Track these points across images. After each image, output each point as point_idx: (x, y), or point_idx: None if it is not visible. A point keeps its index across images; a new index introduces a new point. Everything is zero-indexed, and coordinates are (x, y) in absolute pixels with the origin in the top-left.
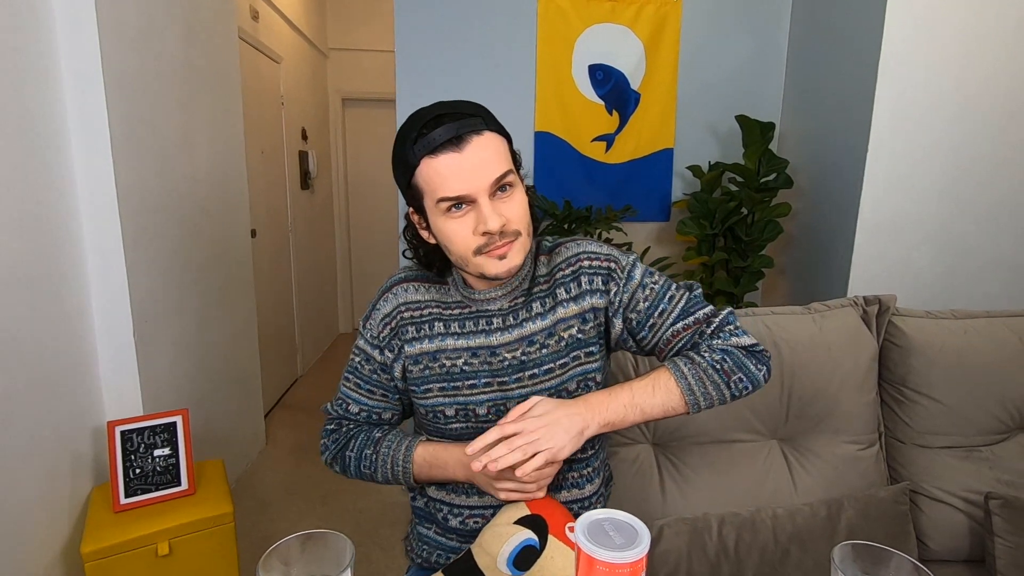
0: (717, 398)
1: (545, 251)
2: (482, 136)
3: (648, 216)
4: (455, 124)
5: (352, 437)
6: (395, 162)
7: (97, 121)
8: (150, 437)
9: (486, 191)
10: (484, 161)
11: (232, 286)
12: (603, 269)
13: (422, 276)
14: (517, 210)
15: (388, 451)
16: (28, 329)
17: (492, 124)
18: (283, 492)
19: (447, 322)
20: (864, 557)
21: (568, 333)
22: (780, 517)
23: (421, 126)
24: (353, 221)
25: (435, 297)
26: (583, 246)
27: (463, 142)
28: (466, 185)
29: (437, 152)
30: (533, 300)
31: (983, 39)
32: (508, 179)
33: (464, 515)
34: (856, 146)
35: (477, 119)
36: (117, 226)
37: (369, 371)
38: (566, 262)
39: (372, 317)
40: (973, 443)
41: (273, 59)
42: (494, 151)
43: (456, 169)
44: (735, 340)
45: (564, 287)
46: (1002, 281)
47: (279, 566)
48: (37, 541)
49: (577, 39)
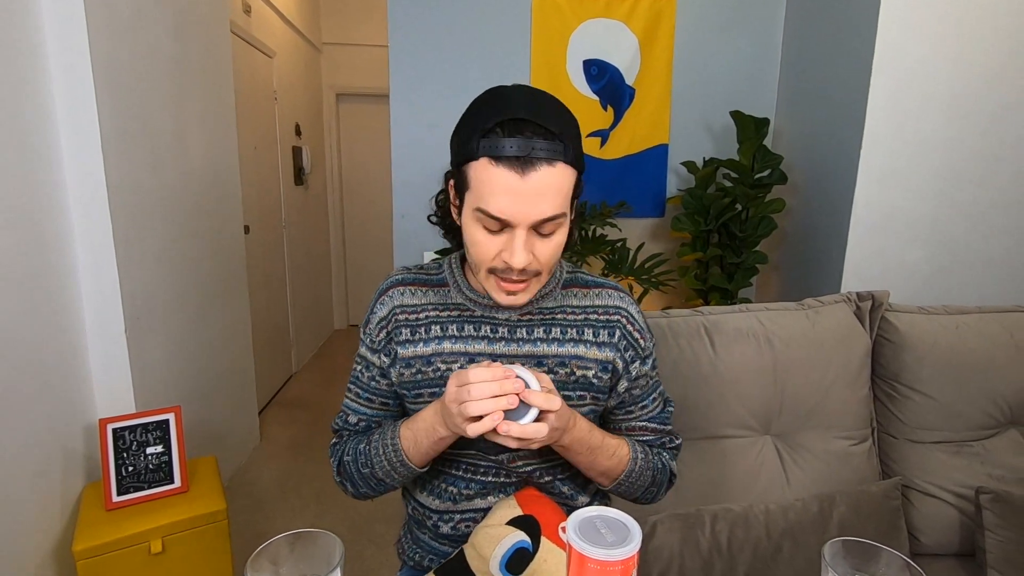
0: (628, 492)
1: (582, 284)
2: (553, 168)
3: (642, 212)
4: (530, 143)
5: (347, 442)
6: (458, 131)
7: (86, 115)
8: (142, 435)
9: (528, 224)
10: (541, 196)
11: (225, 282)
12: (634, 341)
13: (419, 279)
14: (549, 251)
15: (378, 438)
16: (18, 326)
17: (571, 152)
18: (277, 489)
19: (444, 324)
20: (855, 553)
21: (582, 372)
22: (773, 512)
23: (497, 123)
24: (347, 217)
25: (432, 300)
26: (626, 303)
27: (529, 168)
28: (512, 212)
29: (499, 162)
30: (554, 324)
31: (978, 36)
32: (558, 221)
33: (455, 520)
34: (850, 142)
35: (558, 144)
36: (108, 222)
37: (368, 378)
38: (604, 309)
39: (370, 321)
40: (964, 438)
41: (266, 53)
42: (556, 189)
43: (509, 191)
44: (673, 465)
45: (593, 329)
46: (995, 278)
47: (268, 566)
48: (29, 539)
49: (572, 34)
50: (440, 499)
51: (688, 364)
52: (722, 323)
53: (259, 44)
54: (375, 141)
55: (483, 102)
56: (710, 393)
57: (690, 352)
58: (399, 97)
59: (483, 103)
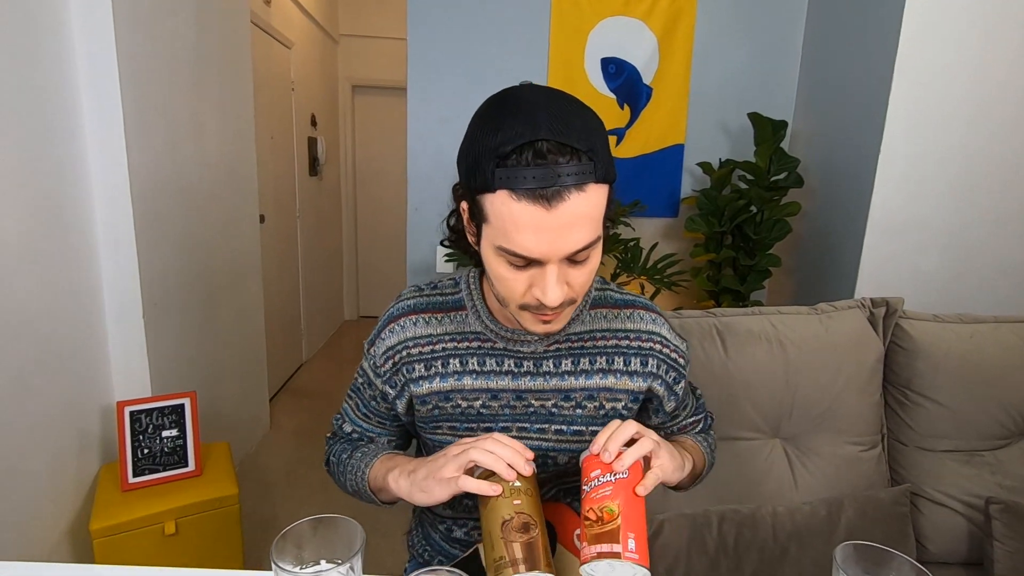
0: (705, 470)
1: (611, 304)
2: (583, 193)
3: (656, 212)
4: (556, 170)
5: (337, 443)
6: (469, 151)
7: (111, 103)
8: (158, 418)
9: (560, 257)
10: (573, 227)
11: (240, 271)
12: (673, 362)
13: (433, 303)
14: (584, 278)
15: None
16: (40, 309)
17: (602, 168)
18: (285, 476)
19: (463, 358)
20: (866, 558)
21: (611, 405)
22: (780, 515)
23: (513, 149)
24: (360, 209)
25: (448, 330)
26: (659, 325)
27: (556, 200)
28: (540, 249)
29: (520, 195)
30: (582, 354)
31: (1001, 42)
32: (593, 247)
33: (468, 526)
34: (869, 147)
35: (588, 164)
36: (129, 208)
37: (369, 396)
38: (636, 334)
39: (376, 345)
40: (976, 447)
41: (284, 44)
42: (588, 215)
43: (536, 228)
44: (713, 435)
45: (624, 358)
46: (1012, 287)
47: (292, 549)
48: (45, 518)
49: (590, 31)
50: (453, 509)
51: (699, 365)
52: (734, 325)
53: (278, 35)
54: (390, 134)
55: (493, 117)
56: (720, 394)
57: (702, 353)
58: (416, 90)
59: (494, 118)
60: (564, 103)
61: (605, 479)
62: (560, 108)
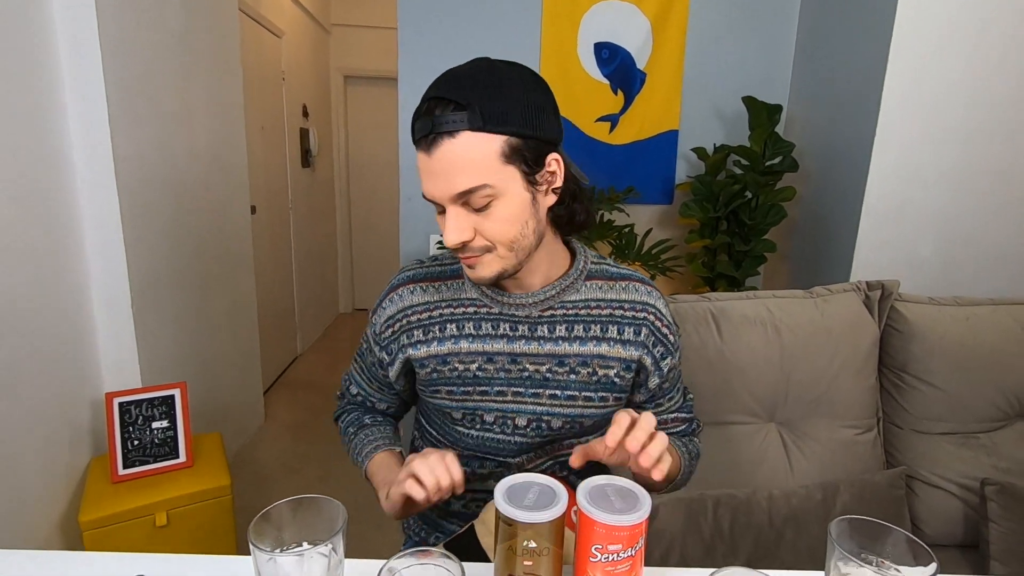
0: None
1: (607, 276)
2: (455, 140)
3: (651, 198)
4: (431, 120)
5: (346, 412)
6: None
7: (94, 90)
8: (148, 409)
9: (451, 201)
10: (448, 170)
11: (231, 262)
12: (663, 337)
13: (431, 273)
14: (495, 226)
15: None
16: (27, 301)
17: (479, 119)
18: (280, 468)
19: (460, 323)
20: (861, 532)
21: (604, 372)
22: (776, 499)
23: (418, 107)
24: (354, 200)
25: (445, 296)
26: (654, 298)
27: (433, 145)
28: (432, 192)
29: (417, 144)
30: (577, 321)
31: (996, 26)
32: (482, 193)
33: (466, 499)
34: (864, 131)
35: (461, 113)
36: (115, 198)
37: (370, 362)
38: (631, 304)
39: (378, 314)
40: (971, 430)
41: (274, 33)
42: (466, 161)
43: (425, 172)
44: (700, 446)
45: (618, 326)
46: (1008, 271)
47: (271, 531)
48: (36, 510)
49: (583, 16)
50: None
51: (694, 350)
52: (729, 309)
53: (267, 23)
54: (382, 124)
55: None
56: (716, 379)
57: (696, 338)
58: (408, 80)
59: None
60: (479, 68)
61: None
62: (470, 70)
